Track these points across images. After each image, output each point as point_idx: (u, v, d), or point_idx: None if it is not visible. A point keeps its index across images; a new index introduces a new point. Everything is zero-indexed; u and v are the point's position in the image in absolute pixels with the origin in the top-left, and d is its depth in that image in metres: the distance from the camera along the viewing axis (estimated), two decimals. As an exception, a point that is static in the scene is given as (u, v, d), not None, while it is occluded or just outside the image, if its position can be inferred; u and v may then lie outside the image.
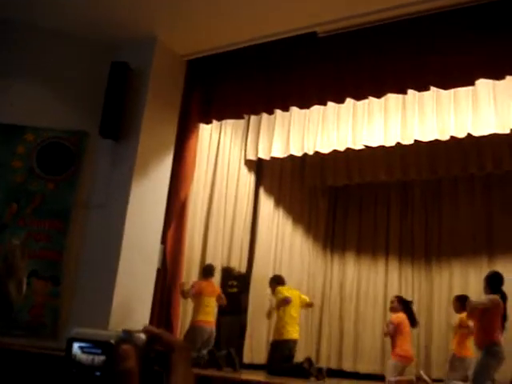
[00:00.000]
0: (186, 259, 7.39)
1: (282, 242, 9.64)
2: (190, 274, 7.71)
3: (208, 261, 8.08)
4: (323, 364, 9.23)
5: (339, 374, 9.71)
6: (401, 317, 7.48)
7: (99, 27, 6.58)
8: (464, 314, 6.75)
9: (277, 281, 7.92)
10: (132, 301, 6.21)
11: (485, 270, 8.84)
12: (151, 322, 6.41)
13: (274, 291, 7.82)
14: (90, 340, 0.82)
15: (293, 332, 7.59)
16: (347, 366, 10.00)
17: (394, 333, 7.40)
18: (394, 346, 7.48)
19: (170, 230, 6.87)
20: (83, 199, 6.49)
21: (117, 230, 6.20)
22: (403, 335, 7.41)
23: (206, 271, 7.46)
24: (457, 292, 8.90)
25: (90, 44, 6.82)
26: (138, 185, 6.41)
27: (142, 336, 0.83)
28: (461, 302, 7.01)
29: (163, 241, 6.77)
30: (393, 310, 7.66)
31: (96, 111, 6.45)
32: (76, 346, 0.82)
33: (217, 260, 8.26)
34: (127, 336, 0.82)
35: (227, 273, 8.29)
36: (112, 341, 0.82)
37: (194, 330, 7.10)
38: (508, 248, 9.22)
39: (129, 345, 0.81)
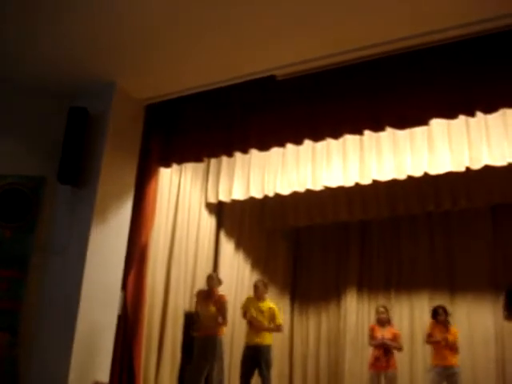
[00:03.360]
0: (148, 305, 7.26)
1: (242, 285, 9.56)
2: (151, 320, 7.56)
3: (170, 306, 7.97)
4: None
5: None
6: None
7: (58, 75, 6.55)
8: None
9: None
10: (93, 348, 6.06)
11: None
12: (113, 370, 6.27)
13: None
14: None
15: None
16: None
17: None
18: None
19: (131, 276, 6.76)
20: (41, 246, 6.37)
21: (76, 277, 6.08)
22: None
23: None
24: (420, 330, 8.97)
25: (49, 90, 6.78)
26: (98, 230, 6.32)
27: None
28: None
29: (124, 287, 6.66)
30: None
31: (55, 157, 6.39)
32: None
33: (179, 305, 8.14)
34: None
35: (190, 317, 8.18)
36: None
37: None
38: (468, 283, 9.36)
39: None
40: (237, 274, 9.51)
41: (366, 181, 7.63)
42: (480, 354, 8.94)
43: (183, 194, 8.46)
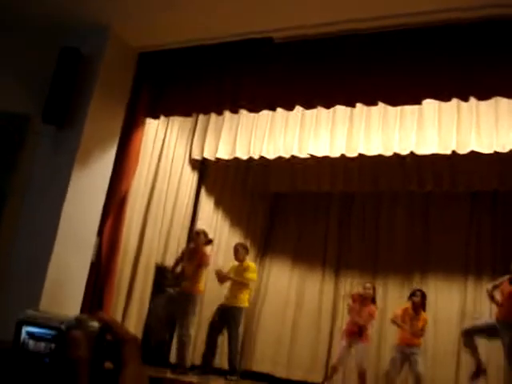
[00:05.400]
0: (120, 254, 7.24)
1: (219, 244, 9.57)
2: (123, 268, 7.56)
3: (143, 257, 7.96)
4: (256, 368, 9.58)
5: (271, 379, 9.71)
6: None
7: (53, 12, 6.40)
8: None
9: None
10: (63, 292, 6.05)
11: (416, 286, 9.07)
12: (81, 315, 6.26)
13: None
14: (39, 324, 0.78)
15: None
16: (280, 372, 9.97)
17: None
18: None
19: (108, 223, 6.72)
20: (21, 185, 6.30)
21: (53, 219, 6.03)
22: None
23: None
24: (391, 306, 9.10)
25: (40, 27, 6.62)
26: (79, 174, 6.26)
27: (95, 324, 0.80)
28: None
29: (100, 233, 6.64)
30: None
31: (42, 96, 6.28)
32: (24, 330, 0.78)
33: (151, 257, 8.15)
34: (79, 323, 0.79)
35: (162, 271, 8.21)
36: (63, 327, 0.78)
37: None
38: (440, 266, 9.50)
39: (80, 332, 0.77)
40: (214, 232, 9.51)
41: (352, 154, 7.63)
42: (443, 334, 9.11)
43: (167, 147, 8.40)
